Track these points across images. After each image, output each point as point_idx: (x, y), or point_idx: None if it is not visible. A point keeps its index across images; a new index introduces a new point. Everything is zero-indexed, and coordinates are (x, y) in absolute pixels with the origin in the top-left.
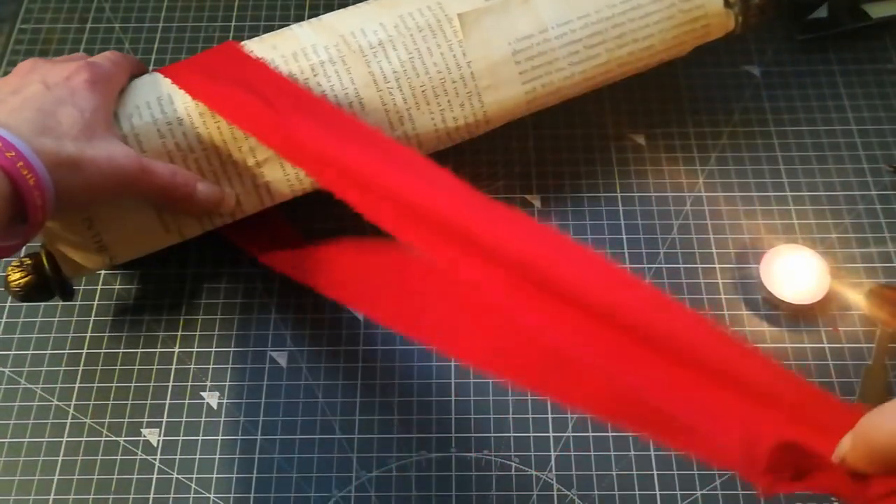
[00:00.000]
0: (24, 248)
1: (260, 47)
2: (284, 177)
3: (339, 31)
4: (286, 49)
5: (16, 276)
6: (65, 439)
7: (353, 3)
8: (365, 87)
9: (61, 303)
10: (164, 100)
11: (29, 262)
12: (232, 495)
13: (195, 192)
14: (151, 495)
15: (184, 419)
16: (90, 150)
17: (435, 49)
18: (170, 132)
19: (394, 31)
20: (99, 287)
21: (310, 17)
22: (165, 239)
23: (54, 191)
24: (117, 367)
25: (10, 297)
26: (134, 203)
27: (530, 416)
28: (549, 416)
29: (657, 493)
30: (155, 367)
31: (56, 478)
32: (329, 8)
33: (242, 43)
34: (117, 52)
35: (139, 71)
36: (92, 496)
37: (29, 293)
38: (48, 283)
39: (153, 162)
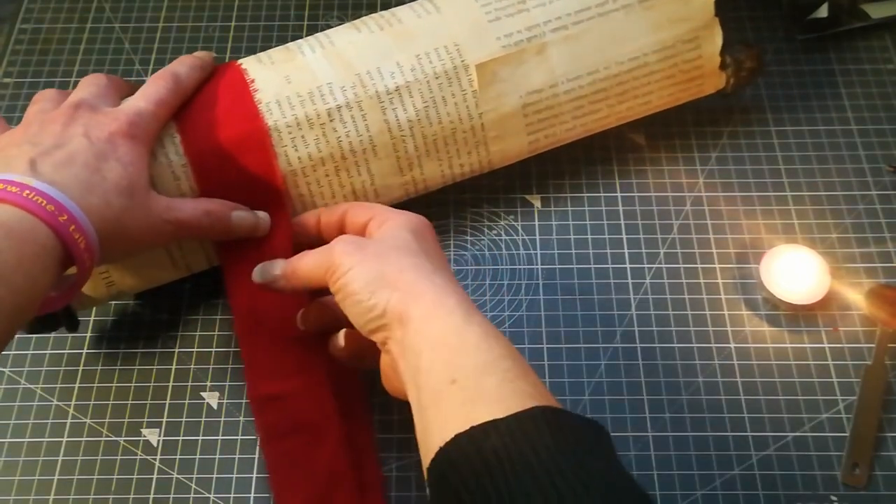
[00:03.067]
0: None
1: (272, 77)
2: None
3: (356, 68)
4: (301, 86)
5: None
6: (65, 439)
7: (351, 5)
8: (379, 133)
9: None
10: (177, 140)
11: None
12: (232, 495)
13: (231, 223)
14: (151, 495)
15: (184, 419)
16: (132, 206)
17: (450, 98)
18: (185, 174)
19: (410, 76)
20: None
21: (309, 17)
22: (173, 273)
23: (99, 247)
24: (117, 367)
25: None
26: None
27: None
28: None
29: (657, 493)
30: (155, 367)
31: (56, 478)
32: (328, 9)
33: (248, 67)
34: (103, 76)
35: (128, 92)
36: (92, 496)
37: (34, 326)
38: (55, 315)
39: (185, 208)
